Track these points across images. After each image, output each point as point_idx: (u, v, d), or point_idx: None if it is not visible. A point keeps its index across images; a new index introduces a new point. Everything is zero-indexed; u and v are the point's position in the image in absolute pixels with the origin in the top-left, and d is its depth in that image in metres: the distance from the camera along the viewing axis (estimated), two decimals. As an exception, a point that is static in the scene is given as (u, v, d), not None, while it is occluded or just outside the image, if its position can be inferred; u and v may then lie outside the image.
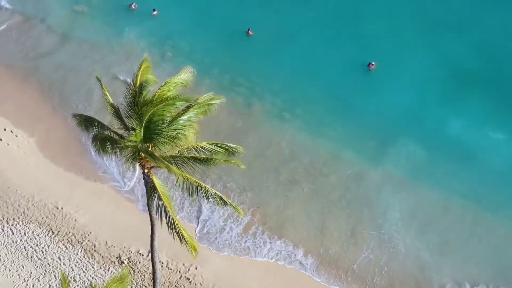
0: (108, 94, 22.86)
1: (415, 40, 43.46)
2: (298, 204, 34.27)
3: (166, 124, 21.26)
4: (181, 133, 21.61)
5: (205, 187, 22.04)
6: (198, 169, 22.01)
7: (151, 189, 22.14)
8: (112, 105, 22.64)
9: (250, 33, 44.26)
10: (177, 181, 22.29)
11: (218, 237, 32.68)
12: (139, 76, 21.98)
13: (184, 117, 21.67)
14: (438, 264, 31.23)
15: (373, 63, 41.21)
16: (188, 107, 21.94)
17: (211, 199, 22.10)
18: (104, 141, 22.39)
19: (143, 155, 21.71)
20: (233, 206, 22.30)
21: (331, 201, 34.20)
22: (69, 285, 29.26)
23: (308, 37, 44.28)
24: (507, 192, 34.15)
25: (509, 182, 34.66)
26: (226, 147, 22.63)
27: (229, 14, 46.51)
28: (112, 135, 22.58)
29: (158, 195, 21.51)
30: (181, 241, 21.50)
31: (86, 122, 23.09)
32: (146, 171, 22.32)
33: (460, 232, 32.55)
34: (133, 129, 21.49)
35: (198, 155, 22.18)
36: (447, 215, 33.38)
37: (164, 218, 21.51)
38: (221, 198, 22.15)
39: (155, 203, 21.96)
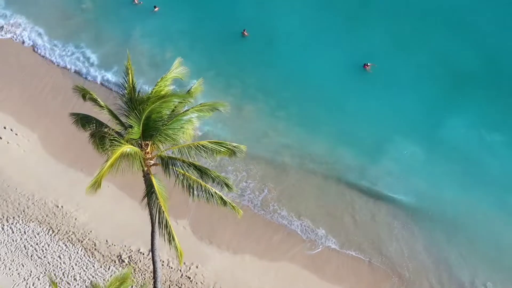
0: (98, 98, 22.73)
1: (411, 40, 43.00)
2: (308, 186, 34.97)
3: (165, 122, 21.08)
4: (181, 132, 21.43)
5: (205, 185, 21.83)
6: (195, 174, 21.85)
7: (149, 187, 21.93)
8: (106, 107, 22.45)
9: (246, 34, 44.04)
10: (176, 179, 22.11)
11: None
12: (130, 73, 21.83)
13: (185, 117, 21.47)
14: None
15: (368, 64, 40.83)
16: (181, 102, 21.76)
17: (210, 199, 21.87)
18: (103, 139, 22.20)
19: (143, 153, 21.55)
20: (232, 206, 22.04)
21: (338, 187, 34.84)
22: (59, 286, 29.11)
23: (304, 38, 43.93)
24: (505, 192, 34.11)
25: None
26: (228, 146, 22.36)
27: (227, 14, 46.30)
28: (111, 133, 22.35)
29: (155, 194, 21.30)
30: (170, 243, 21.31)
31: (83, 120, 22.88)
32: (145, 169, 22.12)
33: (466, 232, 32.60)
34: (131, 127, 21.32)
35: (197, 163, 21.92)
36: (441, 212, 33.39)
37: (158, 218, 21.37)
38: (221, 198, 21.95)
39: (151, 202, 21.77)
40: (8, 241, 31.27)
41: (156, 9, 46.89)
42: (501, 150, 36.00)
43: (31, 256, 30.63)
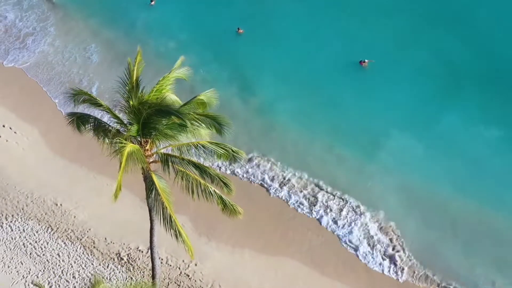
0: (98, 99, 22.62)
1: (408, 36, 42.86)
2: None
3: (165, 123, 20.93)
4: (181, 133, 21.25)
5: (204, 183, 21.66)
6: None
7: (149, 184, 21.88)
8: (108, 108, 22.38)
9: (240, 31, 43.97)
10: (176, 176, 21.99)
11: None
12: (135, 70, 21.69)
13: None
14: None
15: (365, 60, 40.74)
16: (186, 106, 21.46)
17: (210, 198, 21.70)
18: (106, 133, 22.16)
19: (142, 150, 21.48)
20: (233, 207, 21.85)
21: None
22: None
23: (299, 35, 43.77)
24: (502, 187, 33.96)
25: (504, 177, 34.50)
26: (228, 148, 21.90)
27: (222, 10, 46.20)
28: (110, 129, 22.30)
29: (156, 190, 21.22)
30: (177, 238, 21.20)
31: (79, 120, 22.65)
32: (145, 166, 22.06)
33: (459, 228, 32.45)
34: (131, 124, 21.30)
35: (196, 161, 21.71)
36: (440, 210, 33.23)
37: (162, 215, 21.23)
38: (221, 198, 21.75)
39: (153, 199, 21.69)
40: (7, 239, 31.24)
41: (152, 2, 47.30)
42: (499, 146, 35.90)
43: (30, 254, 30.59)
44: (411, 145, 36.26)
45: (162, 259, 30.32)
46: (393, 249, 31.62)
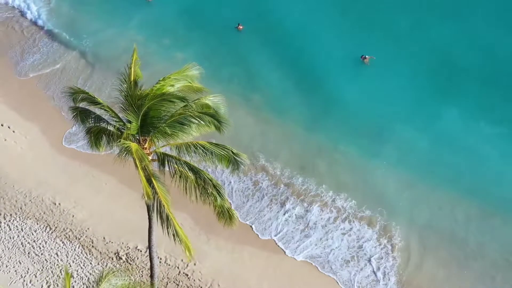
0: (96, 97, 22.47)
1: (408, 32, 42.80)
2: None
3: (164, 121, 20.78)
4: (181, 132, 21.07)
5: (202, 185, 21.47)
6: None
7: (147, 183, 21.71)
8: (107, 106, 22.23)
9: (240, 27, 43.79)
10: (174, 176, 21.82)
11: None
12: (133, 68, 21.56)
13: (185, 120, 20.89)
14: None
15: (366, 56, 40.62)
16: (185, 107, 21.19)
17: (207, 201, 21.50)
18: (99, 135, 22.01)
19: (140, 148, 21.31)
20: (229, 212, 21.64)
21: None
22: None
23: (300, 31, 43.58)
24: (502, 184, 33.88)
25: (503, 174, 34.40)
26: (228, 150, 21.24)
27: (220, 6, 46.03)
28: (108, 128, 22.14)
29: (154, 189, 21.06)
30: (174, 239, 21.00)
31: (82, 114, 22.61)
32: (146, 164, 21.89)
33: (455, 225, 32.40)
34: (129, 122, 21.17)
35: (191, 163, 21.37)
36: (438, 208, 33.13)
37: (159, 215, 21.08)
38: (217, 201, 21.56)
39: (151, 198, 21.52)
40: (5, 238, 31.14)
41: None
42: (499, 142, 35.81)
43: (28, 253, 30.49)
44: (412, 141, 36.15)
45: (160, 259, 30.22)
46: (392, 250, 31.49)
